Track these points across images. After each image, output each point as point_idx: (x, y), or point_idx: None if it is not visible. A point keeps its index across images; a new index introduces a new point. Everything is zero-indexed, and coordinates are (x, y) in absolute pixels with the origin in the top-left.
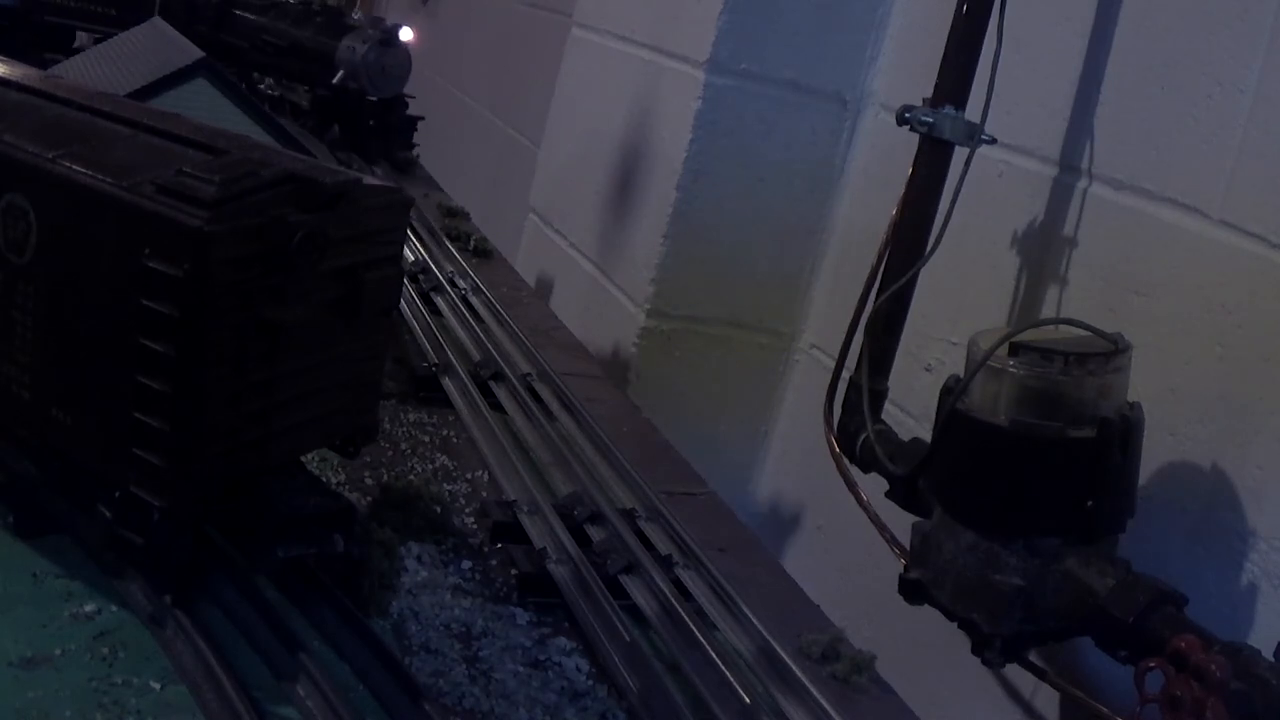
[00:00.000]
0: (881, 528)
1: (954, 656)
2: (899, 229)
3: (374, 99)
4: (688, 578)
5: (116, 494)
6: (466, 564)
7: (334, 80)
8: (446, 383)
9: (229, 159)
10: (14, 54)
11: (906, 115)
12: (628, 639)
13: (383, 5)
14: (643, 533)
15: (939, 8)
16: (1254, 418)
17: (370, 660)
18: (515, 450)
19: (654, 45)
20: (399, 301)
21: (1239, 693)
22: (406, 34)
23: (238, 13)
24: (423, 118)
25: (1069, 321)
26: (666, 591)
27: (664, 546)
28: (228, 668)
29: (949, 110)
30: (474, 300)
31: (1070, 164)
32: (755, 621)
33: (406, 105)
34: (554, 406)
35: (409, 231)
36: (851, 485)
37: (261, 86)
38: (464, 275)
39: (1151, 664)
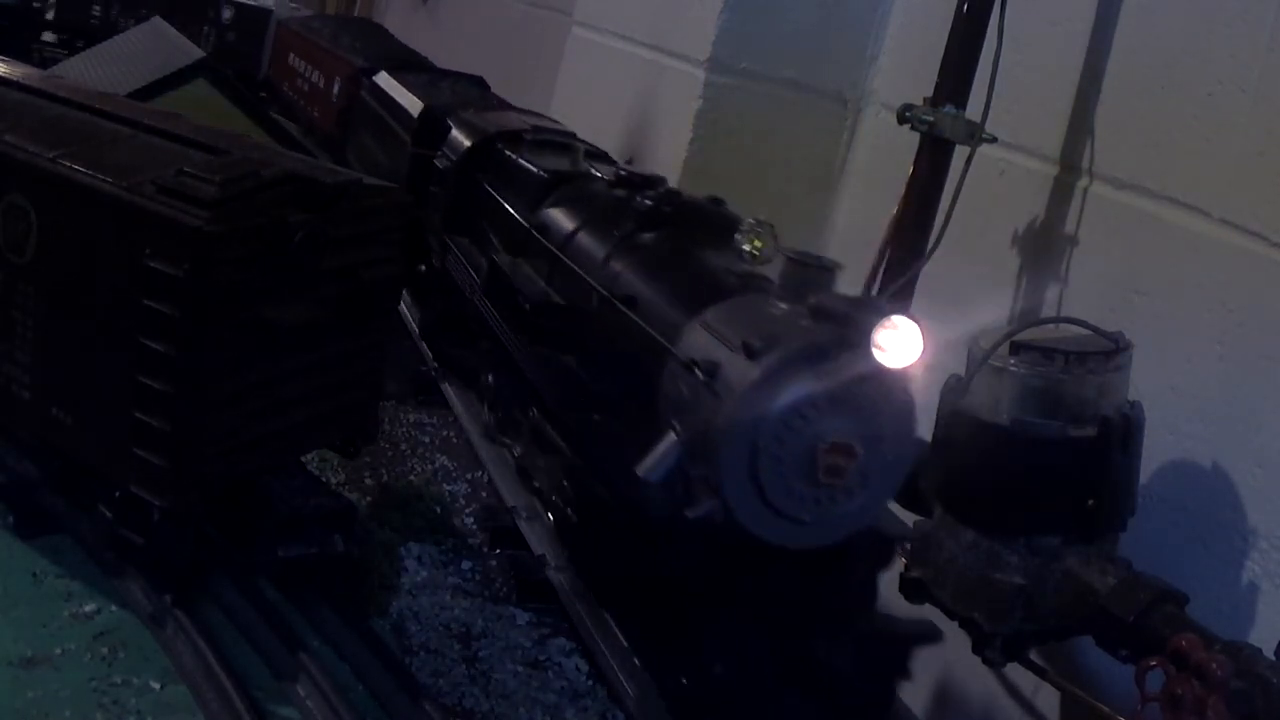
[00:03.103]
0: None
1: (955, 656)
2: (899, 229)
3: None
4: None
5: (116, 494)
6: (466, 565)
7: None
8: (446, 386)
9: (229, 159)
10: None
11: (907, 114)
12: (625, 645)
13: (382, 5)
14: None
15: (939, 8)
16: (1254, 417)
17: (370, 660)
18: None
19: (654, 44)
20: (399, 301)
21: (1239, 691)
22: (909, 346)
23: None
24: None
25: (1069, 320)
26: None
27: None
28: (228, 668)
29: (950, 109)
30: None
31: (1071, 163)
32: None
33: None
34: None
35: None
36: None
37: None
38: None
39: (1152, 663)
